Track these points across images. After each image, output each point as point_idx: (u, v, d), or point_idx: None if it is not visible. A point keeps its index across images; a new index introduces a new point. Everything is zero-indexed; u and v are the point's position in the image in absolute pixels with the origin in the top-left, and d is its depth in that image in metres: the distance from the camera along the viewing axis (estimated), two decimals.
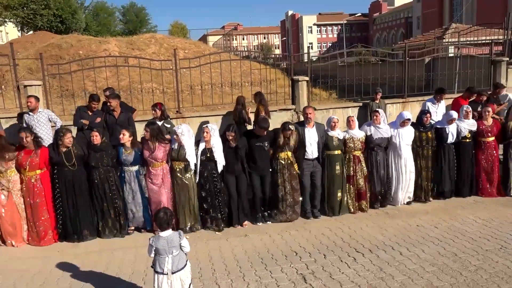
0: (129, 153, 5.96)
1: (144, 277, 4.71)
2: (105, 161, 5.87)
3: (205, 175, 6.09)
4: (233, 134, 6.16)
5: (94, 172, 5.86)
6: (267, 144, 6.28)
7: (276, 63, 12.99)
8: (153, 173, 5.97)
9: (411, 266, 4.82)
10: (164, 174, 6.00)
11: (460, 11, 39.28)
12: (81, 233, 5.86)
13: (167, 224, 3.77)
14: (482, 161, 7.27)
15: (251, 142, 6.27)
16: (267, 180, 6.39)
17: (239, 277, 4.70)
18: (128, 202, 6.03)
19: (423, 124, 6.99)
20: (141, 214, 6.06)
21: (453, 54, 14.54)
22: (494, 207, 6.76)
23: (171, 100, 10.42)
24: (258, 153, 6.25)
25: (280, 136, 6.25)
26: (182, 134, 5.93)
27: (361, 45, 14.69)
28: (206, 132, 6.05)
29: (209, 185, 6.10)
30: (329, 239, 5.68)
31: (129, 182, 6.00)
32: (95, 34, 28.79)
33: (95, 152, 5.86)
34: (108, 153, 5.93)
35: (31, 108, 7.23)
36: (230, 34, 41.97)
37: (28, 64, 12.23)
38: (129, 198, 6.03)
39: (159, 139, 5.94)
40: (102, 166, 5.86)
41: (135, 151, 5.99)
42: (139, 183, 6.02)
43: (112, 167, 5.94)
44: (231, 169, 6.21)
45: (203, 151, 6.07)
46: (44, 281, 4.74)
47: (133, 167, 6.01)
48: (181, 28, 50.67)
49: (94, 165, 5.84)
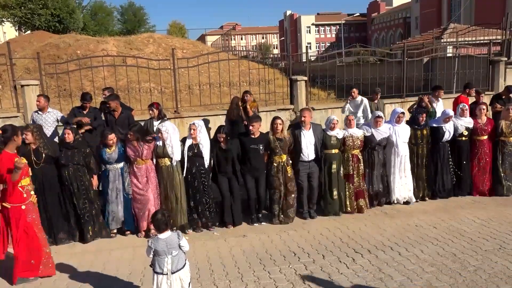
0: (112, 151, 5.88)
1: (142, 277, 4.69)
2: (76, 159, 5.71)
3: (193, 171, 6.02)
4: (224, 136, 6.14)
5: (63, 170, 5.69)
6: (262, 147, 6.26)
7: (274, 63, 12.98)
8: (137, 170, 5.90)
9: (410, 266, 4.80)
10: (149, 171, 5.93)
11: (458, 11, 39.36)
12: (56, 236, 5.68)
13: (165, 225, 3.74)
14: (475, 159, 7.28)
15: (245, 143, 6.25)
16: (262, 181, 6.35)
17: (237, 277, 4.68)
18: (111, 202, 5.91)
19: (418, 122, 6.99)
20: (121, 214, 5.93)
21: (452, 54, 14.58)
22: (493, 207, 6.75)
23: (169, 99, 10.42)
24: (253, 155, 6.22)
25: (270, 130, 6.27)
26: (166, 132, 5.87)
27: (359, 45, 14.73)
28: (193, 129, 6.00)
29: (197, 182, 6.04)
30: (328, 240, 5.66)
31: (113, 180, 5.91)
32: (93, 34, 28.76)
33: (67, 149, 5.72)
34: (81, 151, 5.77)
35: (40, 107, 7.22)
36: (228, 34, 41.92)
37: (25, 63, 12.20)
38: (112, 197, 5.91)
39: (144, 140, 5.87)
40: (73, 164, 5.70)
41: (118, 147, 5.92)
42: (123, 181, 5.94)
43: (83, 166, 5.79)
44: (223, 170, 6.19)
45: (189, 147, 6.00)
46: (41, 282, 4.71)
47: (118, 165, 5.93)
48: (179, 27, 50.62)
49: (64, 163, 5.66)
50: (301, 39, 72.40)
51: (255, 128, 6.23)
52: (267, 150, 6.33)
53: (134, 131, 5.84)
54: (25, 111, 8.51)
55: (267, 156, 6.38)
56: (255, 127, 6.24)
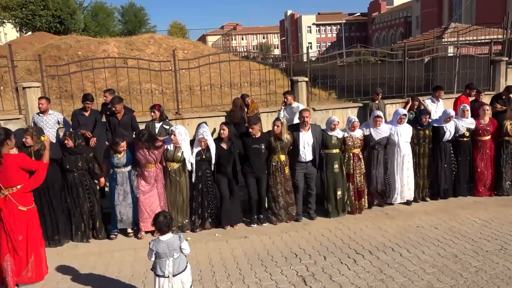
0: (121, 156, 5.90)
1: (144, 279, 4.70)
2: (80, 165, 5.75)
3: (199, 175, 6.10)
4: (227, 130, 6.16)
5: (68, 175, 5.77)
6: (264, 146, 6.28)
7: (275, 63, 12.98)
8: (146, 173, 5.94)
9: (411, 267, 4.81)
10: (157, 174, 5.99)
11: (459, 10, 39.29)
12: (53, 238, 5.71)
13: (168, 227, 3.76)
14: (478, 160, 7.28)
15: (247, 143, 6.27)
16: (263, 182, 6.37)
17: (239, 279, 4.69)
18: (117, 204, 5.96)
19: (421, 122, 7.00)
20: (130, 215, 6.00)
21: (453, 54, 14.56)
22: (494, 207, 6.75)
23: (170, 100, 10.42)
24: (254, 155, 6.24)
25: (271, 131, 6.31)
26: (180, 135, 5.93)
27: (360, 45, 14.73)
28: (203, 142, 6.04)
29: (201, 185, 6.11)
30: (329, 241, 5.67)
31: (121, 183, 5.95)
32: (94, 35, 28.81)
33: (70, 155, 5.76)
34: (83, 156, 5.81)
35: (42, 110, 7.25)
36: (229, 34, 41.93)
37: (27, 65, 12.22)
38: (119, 199, 5.96)
39: (154, 147, 5.86)
40: (77, 170, 5.77)
41: (127, 152, 5.94)
42: (131, 183, 5.98)
43: (87, 171, 5.86)
44: (223, 170, 6.21)
45: (198, 152, 6.08)
46: (44, 283, 4.73)
47: (125, 168, 5.97)
48: (180, 28, 50.61)
49: (69, 168, 5.74)
50: (302, 39, 72.39)
51: (255, 130, 6.25)
52: (267, 149, 6.35)
53: (143, 140, 5.79)
54: (26, 113, 8.52)
55: (266, 154, 6.40)
56: (255, 129, 6.26)
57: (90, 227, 5.95)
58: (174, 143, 5.97)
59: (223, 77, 10.76)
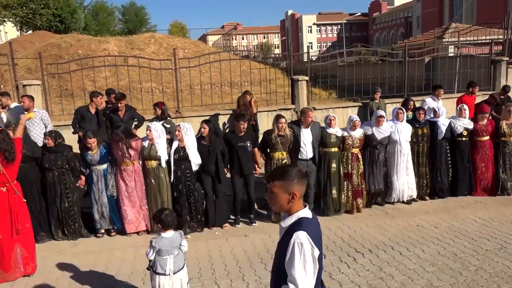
0: (94, 153, 5.86)
1: (144, 277, 4.70)
2: (59, 163, 5.73)
3: (178, 174, 5.96)
4: (207, 128, 6.05)
5: (47, 174, 5.75)
6: (250, 144, 6.22)
7: (275, 63, 12.97)
8: (124, 172, 5.89)
9: (411, 266, 4.81)
10: (136, 172, 5.92)
11: (460, 10, 39.25)
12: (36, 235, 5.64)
13: (173, 224, 3.76)
14: (477, 160, 7.28)
15: (232, 142, 6.20)
16: (251, 181, 6.32)
17: (238, 277, 4.69)
18: (94, 204, 5.93)
19: (418, 120, 7.01)
20: (106, 215, 5.94)
21: (453, 53, 14.54)
22: (494, 206, 6.75)
23: (171, 99, 10.41)
24: (241, 154, 6.16)
25: (274, 127, 6.26)
26: (155, 130, 5.86)
27: (361, 44, 14.72)
28: (178, 130, 5.93)
29: (181, 185, 5.98)
30: (329, 239, 5.66)
31: (96, 182, 5.91)
32: (95, 34, 28.78)
33: (50, 153, 5.73)
34: (63, 154, 5.77)
35: (25, 108, 7.20)
36: (229, 33, 41.85)
37: (27, 63, 12.19)
38: (94, 198, 5.92)
39: (127, 142, 5.80)
40: (57, 168, 5.74)
41: (100, 149, 5.89)
42: (106, 182, 5.92)
43: (67, 170, 5.83)
44: (207, 169, 6.10)
45: (176, 150, 5.94)
46: (43, 281, 4.74)
47: (100, 166, 5.91)
48: (181, 27, 50.65)
49: (48, 166, 5.72)
50: (303, 38, 72.35)
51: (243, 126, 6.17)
52: (255, 147, 6.32)
53: (118, 132, 5.78)
54: None
55: (259, 152, 6.37)
56: (244, 125, 6.19)
57: (71, 226, 5.89)
58: (149, 139, 5.89)
59: (224, 76, 10.75)
